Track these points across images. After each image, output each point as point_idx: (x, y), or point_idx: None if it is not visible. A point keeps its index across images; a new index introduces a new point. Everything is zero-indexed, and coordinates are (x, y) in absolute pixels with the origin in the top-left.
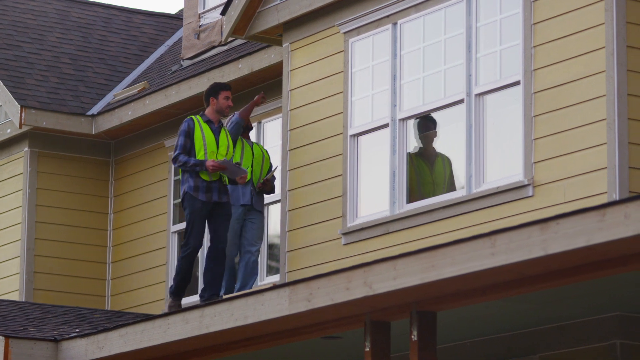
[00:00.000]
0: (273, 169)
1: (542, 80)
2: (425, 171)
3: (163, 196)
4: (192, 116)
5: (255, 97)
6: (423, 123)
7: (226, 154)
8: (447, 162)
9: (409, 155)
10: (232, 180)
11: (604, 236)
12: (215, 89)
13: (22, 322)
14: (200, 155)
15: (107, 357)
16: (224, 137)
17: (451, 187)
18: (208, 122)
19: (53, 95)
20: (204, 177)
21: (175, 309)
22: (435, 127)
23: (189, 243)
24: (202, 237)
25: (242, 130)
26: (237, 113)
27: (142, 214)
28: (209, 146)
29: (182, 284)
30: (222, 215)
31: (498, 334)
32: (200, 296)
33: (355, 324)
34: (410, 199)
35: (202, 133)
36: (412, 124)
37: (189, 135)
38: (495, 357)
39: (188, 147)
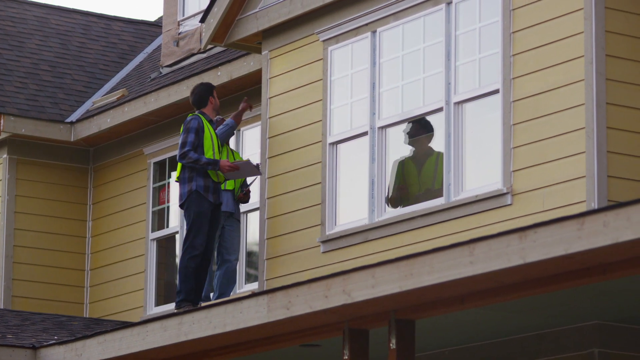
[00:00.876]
0: (254, 178)
1: (521, 89)
2: (412, 174)
3: (142, 203)
4: (197, 114)
5: (242, 105)
6: (414, 126)
7: (219, 155)
8: (440, 159)
9: (401, 160)
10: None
11: (583, 245)
12: (210, 88)
13: (1, 329)
14: (209, 155)
15: None
16: (216, 138)
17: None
18: (210, 121)
19: (32, 102)
20: (214, 177)
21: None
22: (429, 131)
23: (195, 244)
24: (206, 237)
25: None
26: (231, 118)
27: (121, 222)
28: (215, 148)
29: (193, 287)
30: (216, 222)
31: (477, 343)
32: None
33: (333, 332)
34: (394, 204)
35: (210, 133)
36: (391, 132)
37: (199, 133)
38: None
39: (196, 145)
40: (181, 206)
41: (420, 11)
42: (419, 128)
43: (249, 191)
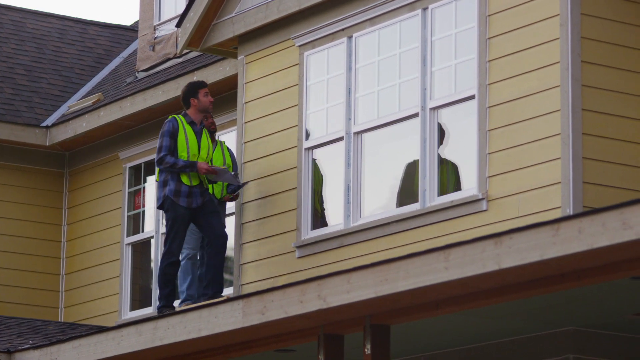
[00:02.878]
0: (243, 184)
1: (497, 95)
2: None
3: (117, 208)
4: (175, 116)
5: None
6: None
7: (206, 157)
8: (451, 168)
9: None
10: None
11: (558, 251)
12: (193, 89)
13: None
14: (183, 156)
15: None
16: (205, 139)
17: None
18: (191, 123)
19: (7, 106)
20: (185, 181)
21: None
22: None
23: (172, 250)
24: (183, 243)
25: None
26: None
27: (96, 226)
28: (192, 149)
29: (172, 292)
30: (209, 212)
31: (452, 348)
32: (204, 294)
33: (308, 337)
34: (402, 203)
35: (186, 134)
36: (367, 137)
37: (173, 135)
38: None
39: (172, 148)
40: (159, 207)
41: (396, 17)
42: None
43: (238, 195)
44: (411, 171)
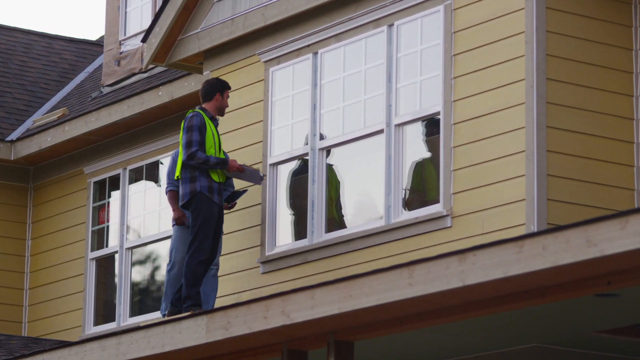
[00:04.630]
0: (245, 192)
1: (462, 112)
2: (432, 175)
3: (81, 222)
4: (198, 110)
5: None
6: (428, 126)
7: (219, 153)
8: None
9: (419, 161)
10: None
11: (522, 268)
12: (221, 86)
13: None
14: (210, 153)
15: None
16: (218, 136)
17: None
18: (211, 118)
19: None
20: (216, 178)
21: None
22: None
23: (203, 248)
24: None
25: None
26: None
27: (61, 241)
28: (216, 146)
29: (199, 292)
30: (221, 221)
31: None
32: (183, 305)
33: (272, 353)
34: (410, 207)
35: (212, 131)
36: (333, 152)
37: (202, 130)
38: None
39: (202, 143)
40: (183, 206)
41: (361, 33)
42: (433, 127)
43: (235, 204)
44: (374, 187)
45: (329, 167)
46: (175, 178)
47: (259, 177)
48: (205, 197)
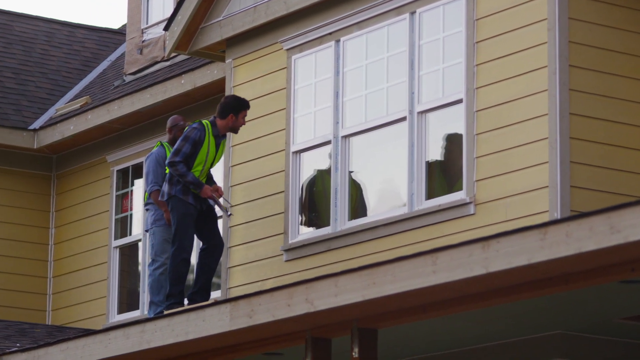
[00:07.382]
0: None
1: (485, 99)
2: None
3: (105, 211)
4: (205, 123)
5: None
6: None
7: (210, 166)
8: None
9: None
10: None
11: (545, 255)
12: (238, 106)
13: None
14: (197, 169)
15: None
16: (221, 150)
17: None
18: (216, 136)
19: None
20: (193, 189)
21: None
22: None
23: (183, 246)
24: (194, 238)
25: None
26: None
27: (84, 229)
28: (208, 162)
29: (183, 290)
30: (212, 219)
31: (439, 352)
32: (192, 300)
33: (296, 341)
34: (429, 196)
35: (208, 148)
36: (354, 140)
37: (197, 145)
38: None
39: (189, 156)
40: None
41: (384, 20)
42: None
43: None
44: (397, 175)
45: (349, 175)
46: (166, 172)
47: (227, 214)
48: (179, 199)
